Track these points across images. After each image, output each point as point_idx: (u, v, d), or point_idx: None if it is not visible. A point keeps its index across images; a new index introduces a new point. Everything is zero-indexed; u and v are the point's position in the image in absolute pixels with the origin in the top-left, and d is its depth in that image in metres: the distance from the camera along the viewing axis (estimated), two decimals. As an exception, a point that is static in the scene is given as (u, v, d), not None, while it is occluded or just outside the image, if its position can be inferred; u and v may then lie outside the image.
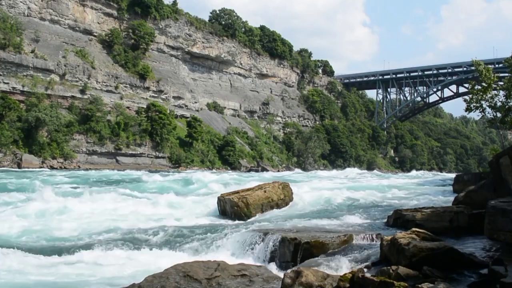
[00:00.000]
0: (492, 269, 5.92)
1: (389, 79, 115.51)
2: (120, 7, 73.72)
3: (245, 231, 10.74)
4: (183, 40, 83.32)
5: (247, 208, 14.57)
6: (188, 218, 14.58)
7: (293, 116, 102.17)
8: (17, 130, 51.63)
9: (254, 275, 7.06)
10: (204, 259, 8.55)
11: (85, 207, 15.90)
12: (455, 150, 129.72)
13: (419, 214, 10.64)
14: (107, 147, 60.89)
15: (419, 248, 6.79)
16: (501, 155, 10.77)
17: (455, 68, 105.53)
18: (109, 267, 8.87)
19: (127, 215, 14.87)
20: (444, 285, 5.66)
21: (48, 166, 51.31)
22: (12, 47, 55.24)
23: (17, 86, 55.16)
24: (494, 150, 29.03)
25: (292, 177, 39.15)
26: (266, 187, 16.14)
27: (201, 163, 70.62)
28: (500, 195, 9.53)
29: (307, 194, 18.73)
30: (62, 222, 13.33)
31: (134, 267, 8.79)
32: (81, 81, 62.82)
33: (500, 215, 7.56)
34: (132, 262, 9.26)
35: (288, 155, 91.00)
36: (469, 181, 19.21)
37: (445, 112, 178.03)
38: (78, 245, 10.55)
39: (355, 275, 5.80)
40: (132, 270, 8.55)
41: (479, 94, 25.33)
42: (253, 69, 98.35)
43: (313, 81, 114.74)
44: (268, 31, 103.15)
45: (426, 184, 31.70)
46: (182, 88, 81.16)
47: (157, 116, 66.63)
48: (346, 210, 14.55)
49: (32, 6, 62.69)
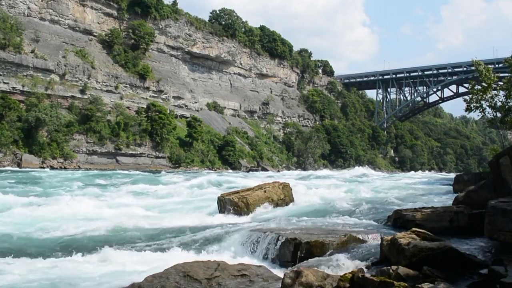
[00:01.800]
0: (492, 269, 5.91)
1: (389, 79, 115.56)
2: (120, 7, 73.77)
3: (245, 231, 10.74)
4: (183, 40, 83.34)
5: (247, 208, 14.58)
6: (188, 218, 14.58)
7: (293, 116, 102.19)
8: (17, 130, 51.65)
9: (254, 275, 7.06)
10: (204, 259, 8.54)
11: (87, 208, 15.93)
12: (455, 150, 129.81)
13: (419, 214, 10.63)
14: (107, 147, 60.91)
15: (419, 248, 6.78)
16: (501, 155, 10.76)
17: (455, 68, 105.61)
18: (110, 267, 8.87)
19: (126, 215, 14.85)
20: (444, 285, 5.65)
21: (48, 166, 51.34)
22: (12, 47, 55.27)
23: (17, 86, 55.20)
24: (494, 150, 29.01)
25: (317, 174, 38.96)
26: (266, 187, 16.14)
27: (201, 163, 70.64)
28: (500, 195, 9.53)
29: (308, 194, 18.73)
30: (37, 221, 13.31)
31: (134, 267, 8.78)
32: (81, 81, 62.85)
33: (500, 215, 7.56)
34: (132, 262, 9.26)
35: (288, 155, 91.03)
36: (469, 181, 19.21)
37: (445, 112, 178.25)
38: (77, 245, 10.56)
39: (355, 275, 5.80)
40: (131, 270, 8.55)
41: (479, 94, 25.33)
42: (253, 69, 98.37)
43: (313, 81, 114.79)
44: (268, 31, 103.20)
45: (426, 184, 31.70)
46: (182, 88, 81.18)
47: (157, 116, 66.66)
48: (346, 210, 14.55)
49: (32, 6, 62.72)
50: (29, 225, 12.65)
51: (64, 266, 8.83)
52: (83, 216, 14.32)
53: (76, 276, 8.04)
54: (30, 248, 10.25)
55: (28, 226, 12.58)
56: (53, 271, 8.42)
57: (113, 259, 9.43)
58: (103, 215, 14.78)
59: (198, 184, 26.87)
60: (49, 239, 11.27)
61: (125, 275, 8.25)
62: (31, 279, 7.78)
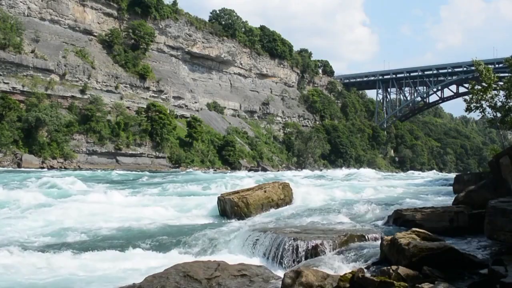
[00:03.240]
0: (492, 269, 5.91)
1: (389, 79, 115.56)
2: (120, 7, 73.78)
3: (245, 231, 10.74)
4: (183, 40, 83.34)
5: (247, 208, 14.56)
6: (188, 218, 14.59)
7: (293, 116, 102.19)
8: (17, 130, 51.66)
9: (254, 275, 7.06)
10: (204, 259, 8.54)
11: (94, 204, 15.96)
12: (455, 150, 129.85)
13: (419, 214, 10.64)
14: (107, 147, 60.90)
15: (419, 248, 6.78)
16: (501, 155, 10.78)
17: (455, 68, 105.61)
18: (103, 265, 8.89)
19: (126, 215, 14.85)
20: (444, 285, 5.66)
21: (48, 166, 51.34)
22: (12, 47, 55.27)
23: (17, 86, 55.19)
24: (494, 150, 29.01)
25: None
26: (266, 187, 16.13)
27: (201, 163, 70.64)
28: (500, 195, 9.53)
29: (308, 194, 18.72)
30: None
31: (134, 267, 8.79)
32: (81, 81, 62.85)
33: (500, 215, 7.55)
34: (131, 261, 9.25)
35: (288, 155, 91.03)
36: (469, 181, 19.18)
37: (445, 112, 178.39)
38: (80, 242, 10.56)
39: (355, 275, 5.80)
40: (131, 270, 8.55)
41: (479, 94, 25.32)
42: (253, 69, 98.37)
43: (313, 81, 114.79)
44: (268, 31, 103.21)
45: (426, 184, 31.67)
46: (182, 88, 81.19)
47: (157, 116, 66.65)
48: (346, 210, 14.54)
49: (32, 6, 62.73)
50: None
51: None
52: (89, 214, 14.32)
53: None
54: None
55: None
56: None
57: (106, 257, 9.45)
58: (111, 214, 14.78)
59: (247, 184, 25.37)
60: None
61: (124, 274, 8.26)
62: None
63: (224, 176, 34.33)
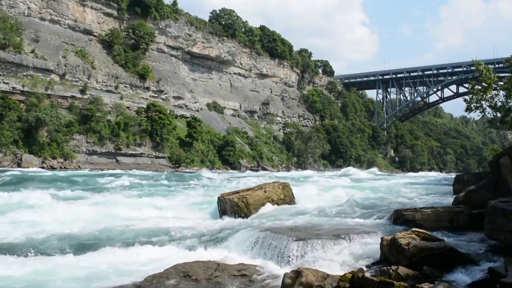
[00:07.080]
0: (492, 269, 5.92)
1: (389, 79, 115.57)
2: (120, 7, 73.77)
3: (245, 231, 10.74)
4: (183, 40, 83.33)
5: (247, 208, 14.56)
6: (188, 218, 14.59)
7: (293, 116, 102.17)
8: (17, 130, 51.65)
9: (254, 275, 7.07)
10: (204, 259, 8.55)
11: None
12: (455, 150, 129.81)
13: (419, 214, 10.64)
14: (107, 147, 60.88)
15: (419, 248, 6.79)
16: (501, 155, 10.78)
17: (455, 68, 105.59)
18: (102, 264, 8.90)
19: (127, 216, 14.87)
20: (444, 285, 5.66)
21: (48, 166, 51.32)
22: (12, 47, 55.25)
23: (17, 86, 55.17)
24: (494, 150, 28.94)
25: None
26: (266, 187, 16.12)
27: (201, 163, 70.61)
28: (500, 195, 9.54)
29: (308, 194, 18.72)
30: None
31: (133, 267, 8.79)
32: (81, 81, 62.84)
33: (500, 215, 7.55)
34: (131, 261, 9.26)
35: (288, 155, 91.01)
36: (469, 181, 19.16)
37: (445, 112, 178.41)
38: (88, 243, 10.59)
39: (355, 275, 5.81)
40: (131, 270, 8.55)
41: (479, 94, 25.28)
42: (253, 69, 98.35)
43: (313, 81, 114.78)
44: (268, 31, 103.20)
45: (426, 184, 31.66)
46: (182, 88, 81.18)
47: (157, 116, 66.63)
48: (346, 210, 14.53)
49: (32, 6, 62.72)
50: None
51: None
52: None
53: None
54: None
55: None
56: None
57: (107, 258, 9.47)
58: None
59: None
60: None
61: (123, 274, 8.26)
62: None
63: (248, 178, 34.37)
